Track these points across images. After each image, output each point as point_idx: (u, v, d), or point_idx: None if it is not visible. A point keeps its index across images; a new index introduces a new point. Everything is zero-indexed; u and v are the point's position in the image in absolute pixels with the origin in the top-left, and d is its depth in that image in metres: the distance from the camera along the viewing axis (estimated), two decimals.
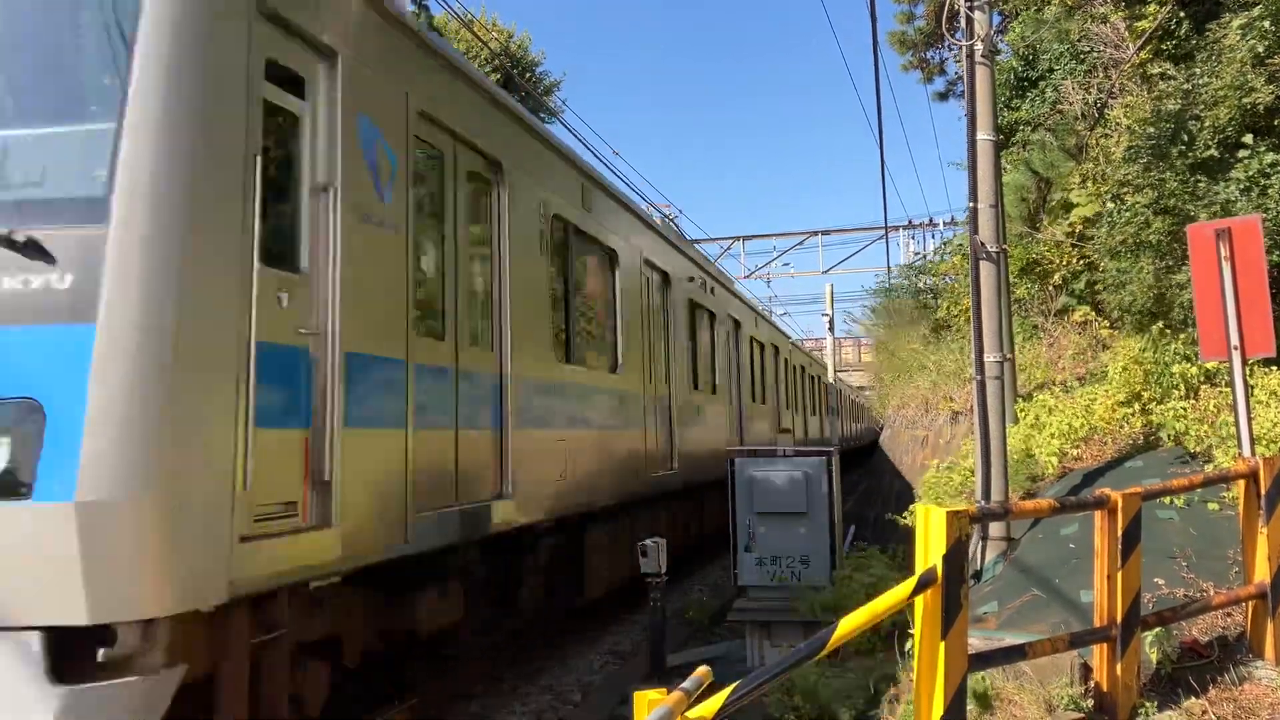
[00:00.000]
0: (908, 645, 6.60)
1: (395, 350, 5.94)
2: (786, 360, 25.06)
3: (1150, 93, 12.38)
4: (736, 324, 17.96)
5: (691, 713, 3.31)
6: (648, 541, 8.77)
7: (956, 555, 4.32)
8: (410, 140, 6.32)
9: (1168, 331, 9.74)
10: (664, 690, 3.29)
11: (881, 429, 41.58)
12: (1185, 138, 10.08)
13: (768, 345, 21.68)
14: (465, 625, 7.43)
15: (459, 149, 7.15)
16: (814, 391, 31.94)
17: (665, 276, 12.94)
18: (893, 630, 7.51)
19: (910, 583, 4.24)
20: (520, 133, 8.28)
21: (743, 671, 8.15)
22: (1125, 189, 11.20)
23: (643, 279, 11.75)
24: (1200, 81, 10.37)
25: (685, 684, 3.34)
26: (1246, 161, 9.32)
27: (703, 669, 3.47)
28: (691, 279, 14.35)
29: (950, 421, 17.90)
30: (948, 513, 4.33)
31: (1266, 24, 9.55)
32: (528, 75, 31.13)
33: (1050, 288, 15.64)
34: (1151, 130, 10.70)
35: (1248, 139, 9.49)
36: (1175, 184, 10.01)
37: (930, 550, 4.33)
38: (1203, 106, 10.13)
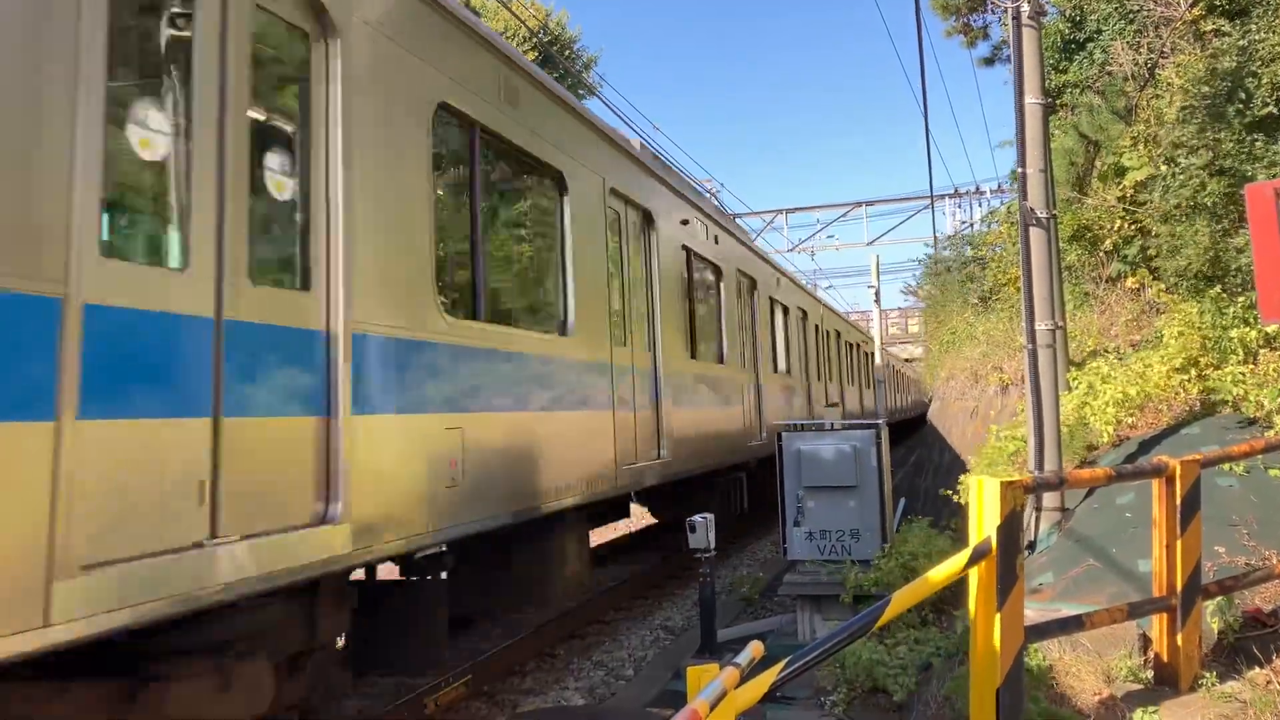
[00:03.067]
0: (958, 623, 6.57)
1: (32, 280, 3.47)
2: (818, 327, 22.38)
3: (1204, 51, 12.05)
4: (751, 282, 15.42)
5: (744, 687, 3.30)
6: (695, 518, 8.75)
7: (1011, 526, 4.27)
8: None
9: (1225, 295, 9.52)
10: (717, 666, 3.28)
11: (930, 401, 41.22)
12: (1242, 95, 9.83)
13: (793, 309, 19.09)
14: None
15: None
16: (855, 362, 29.26)
17: (646, 215, 10.33)
18: (941, 603, 7.47)
19: (965, 555, 4.19)
20: None
21: (794, 646, 8.14)
22: (1179, 151, 10.94)
23: (608, 214, 9.14)
24: (1257, 37, 10.09)
25: (738, 659, 3.33)
26: None
27: (755, 645, 3.45)
28: (686, 222, 11.75)
29: (1000, 392, 17.68)
30: (1001, 483, 4.27)
31: None
32: (565, 53, 31.05)
33: (1101, 254, 15.34)
34: (1206, 89, 10.44)
35: None
36: (1231, 144, 9.78)
37: (984, 521, 4.28)
38: (1260, 63, 9.86)
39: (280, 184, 4.97)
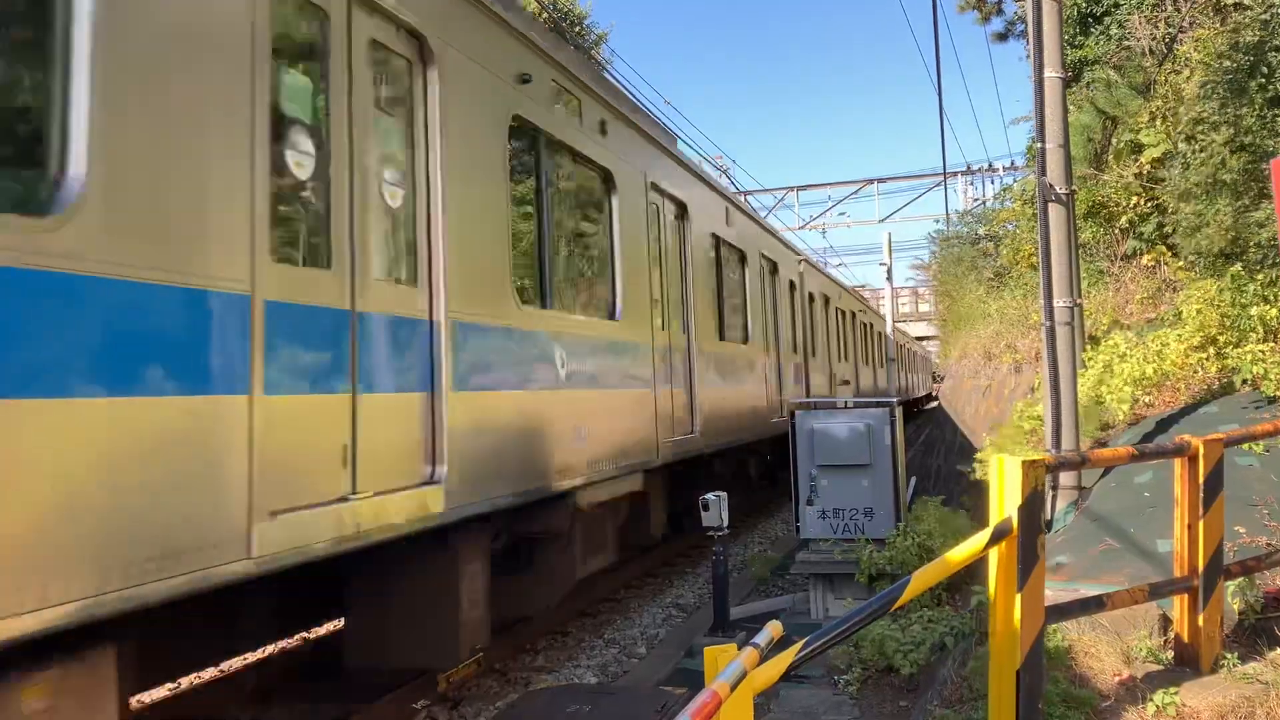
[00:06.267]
0: (974, 602, 6.52)
1: None
2: (795, 285, 17.54)
3: (1225, 25, 11.88)
4: (679, 207, 11.02)
5: (762, 668, 3.25)
6: (709, 496, 8.71)
7: (1032, 505, 4.21)
8: None
9: (1244, 272, 9.42)
10: (735, 646, 3.24)
11: (942, 379, 41.09)
12: (1264, 70, 9.68)
13: (755, 258, 14.40)
14: None
15: None
16: (853, 334, 25.25)
17: (417, 41, 5.81)
18: (954, 584, 7.43)
19: (985, 535, 4.13)
20: None
21: (806, 624, 8.12)
22: (1199, 127, 10.79)
23: (348, 32, 5.17)
24: None
25: (757, 640, 3.28)
26: None
27: (774, 625, 3.40)
28: (527, 79, 7.14)
29: (1013, 370, 17.59)
30: (1023, 462, 4.20)
31: None
32: (576, 29, 30.85)
33: (1116, 231, 15.22)
34: (1228, 64, 10.28)
35: None
36: (1253, 119, 9.64)
37: (1005, 501, 4.21)
38: None
39: None
